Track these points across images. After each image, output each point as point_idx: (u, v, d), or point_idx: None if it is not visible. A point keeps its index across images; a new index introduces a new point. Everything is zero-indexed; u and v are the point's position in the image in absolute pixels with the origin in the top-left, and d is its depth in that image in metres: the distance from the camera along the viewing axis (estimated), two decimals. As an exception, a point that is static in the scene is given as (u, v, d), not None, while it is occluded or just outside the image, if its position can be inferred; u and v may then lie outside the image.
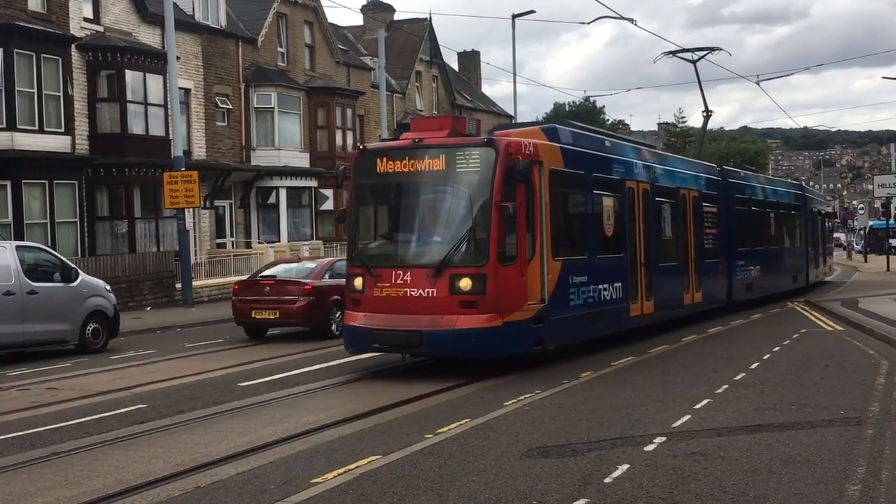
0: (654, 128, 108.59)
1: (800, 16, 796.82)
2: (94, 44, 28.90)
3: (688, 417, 9.75)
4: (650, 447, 8.35)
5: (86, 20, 29.25)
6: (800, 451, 8.14)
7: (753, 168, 34.75)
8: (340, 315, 17.16)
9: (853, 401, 10.62)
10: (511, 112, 50.59)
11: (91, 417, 10.78)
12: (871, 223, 63.43)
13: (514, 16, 45.67)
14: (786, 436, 8.79)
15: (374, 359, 14.95)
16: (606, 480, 7.26)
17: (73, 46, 28.06)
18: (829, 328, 19.54)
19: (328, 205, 38.91)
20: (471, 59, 63.57)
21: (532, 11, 44.69)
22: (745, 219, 25.28)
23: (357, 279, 13.59)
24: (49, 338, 17.27)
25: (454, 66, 60.02)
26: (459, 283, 12.71)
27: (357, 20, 52.71)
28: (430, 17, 51.99)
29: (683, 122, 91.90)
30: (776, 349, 15.65)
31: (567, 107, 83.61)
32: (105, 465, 8.40)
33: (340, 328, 16.37)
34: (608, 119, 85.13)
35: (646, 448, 8.32)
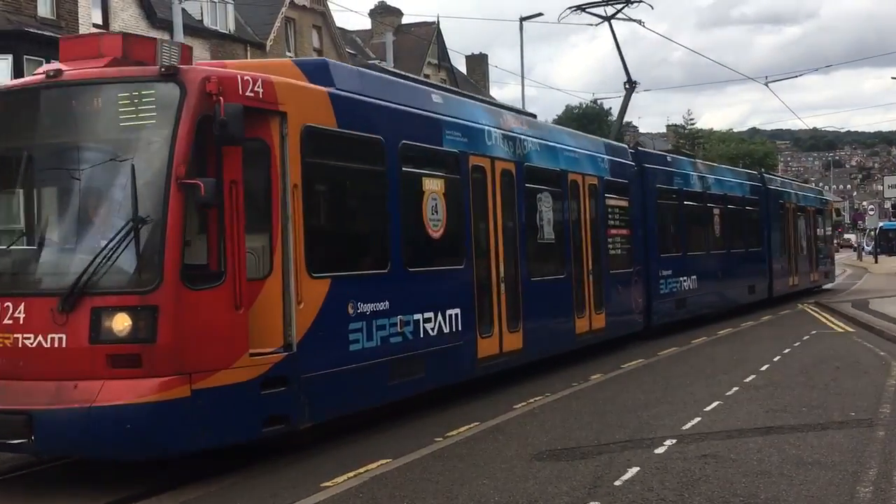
0: (664, 130, 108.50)
1: (809, 16, 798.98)
2: (104, 49, 28.98)
3: (698, 419, 9.72)
4: (660, 449, 8.33)
5: (95, 26, 29.35)
6: (811, 454, 8.11)
7: (761, 169, 32.97)
8: None
9: (864, 403, 10.56)
10: (520, 115, 50.50)
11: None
12: (882, 224, 63.28)
13: (522, 18, 45.68)
14: (797, 438, 8.75)
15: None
16: (616, 483, 7.24)
17: (83, 52, 28.15)
18: (840, 330, 19.47)
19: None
20: (479, 62, 63.55)
21: (540, 14, 44.67)
22: (674, 216, 20.13)
23: None
24: None
25: (462, 70, 60.10)
26: (108, 323, 7.52)
27: (365, 24, 52.75)
28: (438, 21, 52.12)
29: (692, 124, 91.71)
30: (786, 351, 15.59)
31: (576, 110, 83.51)
32: (108, 474, 8.39)
33: None
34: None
35: (656, 450, 8.30)
